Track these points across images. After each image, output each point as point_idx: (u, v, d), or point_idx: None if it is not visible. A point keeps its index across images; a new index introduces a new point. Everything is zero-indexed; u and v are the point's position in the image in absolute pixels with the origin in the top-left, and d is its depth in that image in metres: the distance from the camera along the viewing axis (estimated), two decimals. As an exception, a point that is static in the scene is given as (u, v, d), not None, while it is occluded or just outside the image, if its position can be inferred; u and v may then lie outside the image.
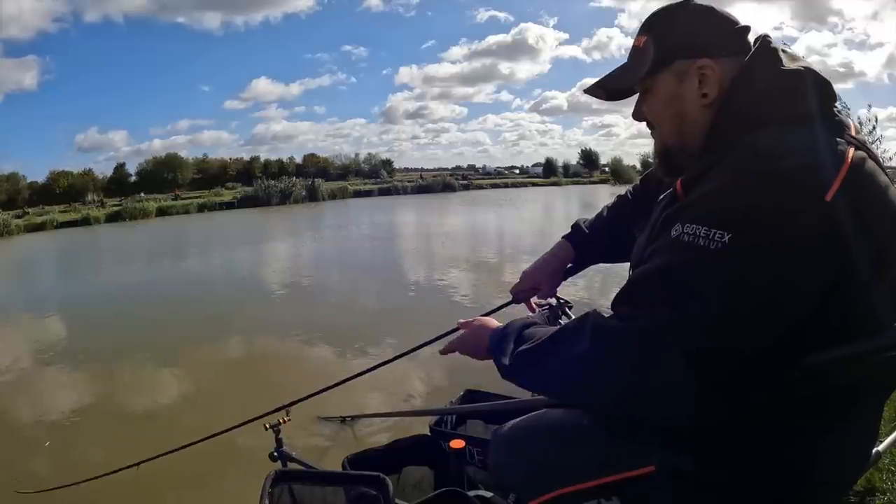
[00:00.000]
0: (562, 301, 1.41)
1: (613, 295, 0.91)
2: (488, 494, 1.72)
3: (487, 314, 1.78)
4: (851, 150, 0.79)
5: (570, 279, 1.53)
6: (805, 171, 0.75)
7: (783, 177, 0.75)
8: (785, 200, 0.74)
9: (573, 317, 1.43)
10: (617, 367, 0.82)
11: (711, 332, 0.76)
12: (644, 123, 1.07)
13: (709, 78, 0.93)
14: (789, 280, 0.74)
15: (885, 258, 0.78)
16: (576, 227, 1.51)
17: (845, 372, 0.80)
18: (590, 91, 1.15)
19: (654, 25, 1.01)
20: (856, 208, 0.74)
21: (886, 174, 0.83)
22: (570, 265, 1.52)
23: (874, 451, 1.14)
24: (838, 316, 0.77)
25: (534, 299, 1.53)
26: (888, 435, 1.62)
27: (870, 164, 0.80)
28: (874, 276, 0.76)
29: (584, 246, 1.48)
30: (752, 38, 0.96)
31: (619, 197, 1.50)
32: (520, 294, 1.52)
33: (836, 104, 0.87)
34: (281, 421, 2.42)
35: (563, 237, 1.52)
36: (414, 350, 1.86)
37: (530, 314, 1.42)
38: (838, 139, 0.80)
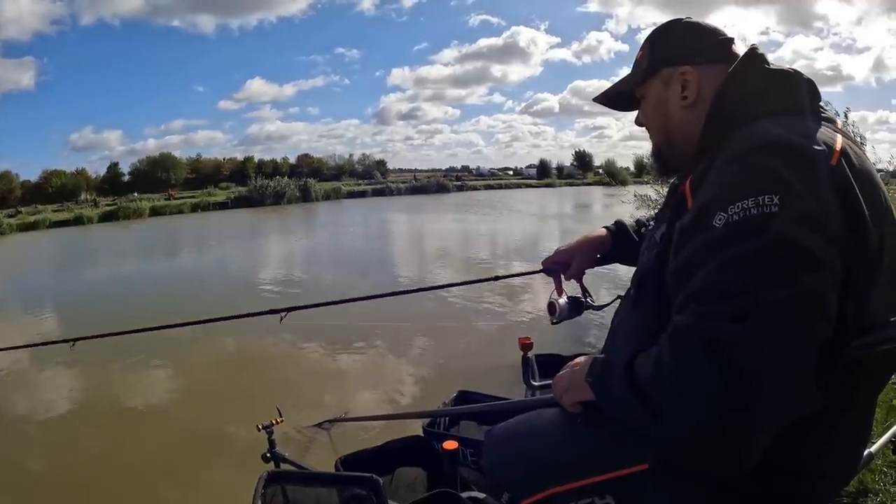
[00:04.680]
0: (587, 292, 1.41)
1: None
2: (481, 496, 1.72)
3: (506, 276, 1.88)
4: (839, 137, 0.84)
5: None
6: (807, 143, 0.81)
7: (792, 145, 0.80)
8: (807, 163, 0.78)
9: (596, 307, 1.46)
10: (728, 367, 0.73)
11: (805, 296, 0.73)
12: (640, 129, 1.17)
13: (689, 83, 1.03)
14: (834, 240, 0.75)
15: (874, 243, 0.80)
16: (619, 222, 1.51)
17: (855, 359, 0.80)
18: (597, 100, 1.28)
19: (649, 40, 1.12)
20: (850, 187, 0.79)
21: (872, 164, 0.88)
22: (599, 255, 1.50)
23: (867, 452, 1.14)
24: (850, 296, 0.77)
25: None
26: (880, 437, 1.63)
27: (857, 152, 0.85)
28: (867, 260, 0.79)
29: (623, 241, 1.48)
30: (739, 48, 1.04)
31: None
32: (551, 267, 1.50)
33: (822, 103, 0.93)
34: (274, 422, 2.42)
35: (604, 227, 1.52)
36: (437, 288, 1.97)
37: (553, 294, 1.42)
38: (826, 127, 0.86)
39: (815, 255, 0.74)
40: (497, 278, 2.13)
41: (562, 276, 1.49)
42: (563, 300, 1.40)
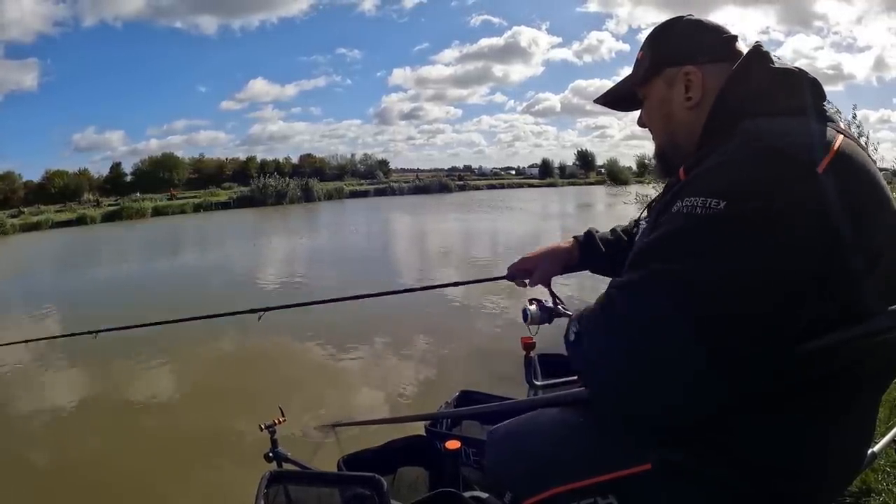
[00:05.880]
0: (557, 299, 1.42)
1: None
2: (484, 495, 1.71)
3: (471, 282, 2.11)
4: (840, 137, 0.83)
5: (564, 282, 1.55)
6: (798, 147, 0.79)
7: (777, 151, 0.79)
8: (779, 171, 0.78)
9: (568, 314, 1.46)
10: (619, 330, 0.84)
11: (711, 294, 0.76)
12: (642, 129, 1.16)
13: (693, 83, 1.01)
14: (784, 247, 0.75)
15: (871, 243, 0.79)
16: (588, 233, 1.54)
17: (839, 358, 0.80)
18: (598, 101, 1.28)
19: (650, 39, 1.11)
20: (845, 187, 0.77)
21: (875, 164, 0.87)
22: (567, 264, 1.54)
23: (870, 452, 1.14)
24: (830, 295, 0.77)
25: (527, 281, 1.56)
26: (883, 436, 1.63)
27: (858, 150, 0.84)
28: (863, 259, 0.78)
29: (589, 251, 1.51)
30: (742, 46, 1.03)
31: (634, 220, 1.53)
32: (515, 273, 1.56)
33: (826, 103, 0.91)
34: (276, 422, 2.42)
35: (573, 237, 1.55)
36: (451, 285, 2.26)
37: (526, 301, 1.46)
38: (828, 127, 0.85)
39: (724, 250, 0.77)
40: (457, 284, 2.24)
41: (526, 284, 1.54)
42: (532, 307, 1.43)
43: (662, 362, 0.80)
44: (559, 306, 1.46)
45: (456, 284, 2.27)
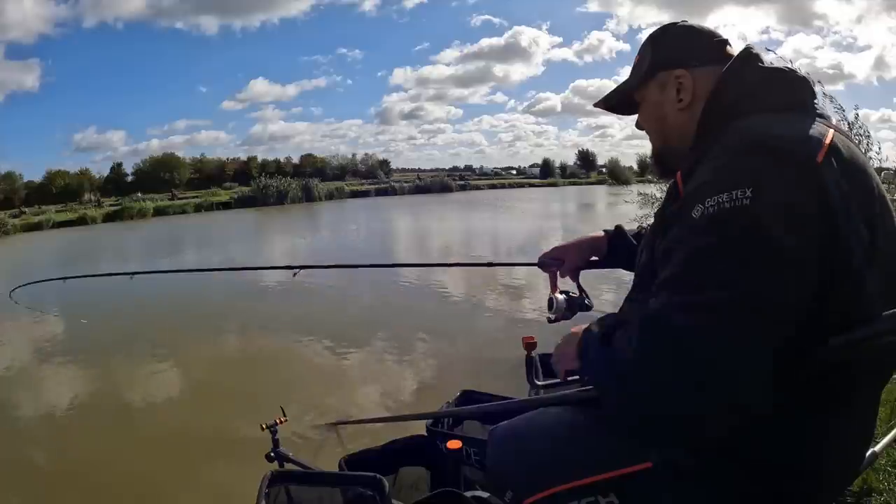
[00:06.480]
0: (584, 293, 1.44)
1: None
2: (485, 495, 1.71)
3: (500, 264, 1.99)
4: (831, 132, 0.84)
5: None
6: (794, 141, 0.81)
7: (776, 144, 0.81)
8: (785, 161, 0.79)
9: (591, 308, 1.48)
10: (685, 358, 0.75)
11: (769, 294, 0.74)
12: (643, 131, 1.19)
13: (684, 86, 1.05)
14: (797, 240, 0.75)
15: (866, 234, 0.80)
16: (618, 227, 1.54)
17: (839, 358, 0.80)
18: (598, 105, 1.30)
19: (645, 45, 1.15)
20: (839, 180, 0.78)
21: (866, 158, 0.90)
22: (596, 258, 1.54)
23: (871, 451, 1.14)
24: (833, 290, 0.78)
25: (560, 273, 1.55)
26: (884, 436, 1.63)
27: (849, 145, 0.86)
28: (862, 252, 0.79)
29: (617, 245, 1.50)
30: (734, 49, 1.06)
31: None
32: (546, 261, 1.56)
33: (816, 100, 0.92)
34: (278, 421, 2.42)
35: (603, 230, 1.55)
36: (477, 265, 2.16)
37: (552, 295, 1.46)
38: (819, 123, 0.86)
39: (781, 250, 0.75)
40: (490, 265, 2.25)
41: (557, 273, 1.54)
42: (560, 296, 1.43)
43: (726, 376, 0.74)
44: (585, 300, 1.48)
45: (490, 265, 2.30)
